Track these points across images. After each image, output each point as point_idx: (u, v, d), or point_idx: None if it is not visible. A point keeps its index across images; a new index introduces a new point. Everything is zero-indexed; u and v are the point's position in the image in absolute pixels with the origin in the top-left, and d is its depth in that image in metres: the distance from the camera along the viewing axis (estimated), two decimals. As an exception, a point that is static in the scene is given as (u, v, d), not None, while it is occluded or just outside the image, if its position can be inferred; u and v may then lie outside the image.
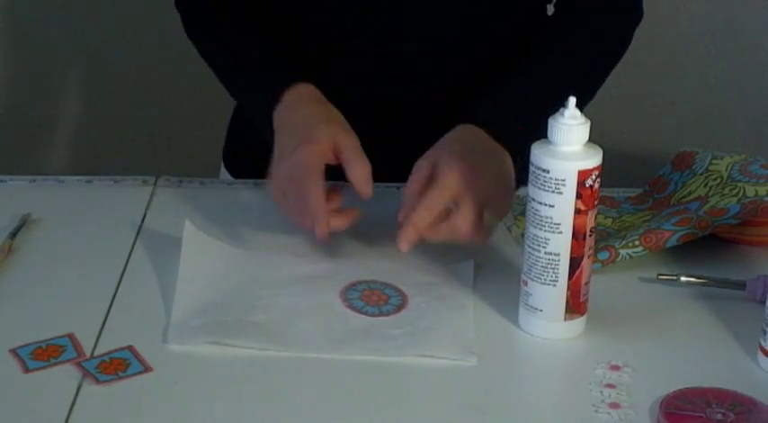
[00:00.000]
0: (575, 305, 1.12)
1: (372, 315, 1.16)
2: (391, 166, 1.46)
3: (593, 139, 1.10)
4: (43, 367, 1.08)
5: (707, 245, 1.27)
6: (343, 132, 1.25)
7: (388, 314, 1.17)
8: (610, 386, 1.07)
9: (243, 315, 1.14)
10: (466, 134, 1.26)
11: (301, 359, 1.09)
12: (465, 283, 1.21)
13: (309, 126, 1.26)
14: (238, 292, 1.18)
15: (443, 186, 1.18)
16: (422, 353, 1.10)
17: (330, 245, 1.27)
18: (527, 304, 1.13)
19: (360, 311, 1.17)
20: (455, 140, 1.25)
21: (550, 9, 1.49)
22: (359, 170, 1.22)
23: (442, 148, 1.23)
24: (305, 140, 1.24)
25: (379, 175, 1.44)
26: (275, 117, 1.30)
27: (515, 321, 1.15)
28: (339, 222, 1.22)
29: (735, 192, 1.28)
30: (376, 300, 1.19)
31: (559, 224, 1.09)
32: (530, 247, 1.12)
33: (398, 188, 1.42)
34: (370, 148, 1.48)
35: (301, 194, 1.20)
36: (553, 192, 1.09)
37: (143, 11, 2.23)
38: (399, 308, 1.18)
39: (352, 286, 1.21)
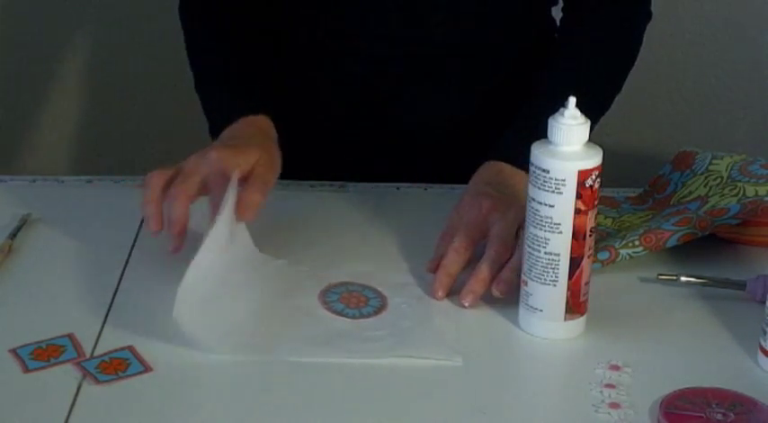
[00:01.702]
0: (575, 305, 1.12)
1: (353, 317, 1.16)
2: (386, 165, 1.47)
3: (594, 139, 1.10)
4: (43, 367, 1.08)
5: (707, 245, 1.27)
6: (267, 164, 1.23)
7: (368, 316, 1.16)
8: (610, 386, 1.07)
9: (233, 317, 1.14)
10: (488, 171, 1.27)
11: (300, 361, 1.09)
12: None
13: (240, 138, 1.26)
14: (235, 290, 1.18)
15: (469, 226, 1.20)
16: (407, 354, 1.10)
17: (308, 246, 1.27)
18: (527, 304, 1.13)
19: (340, 314, 1.16)
20: (477, 182, 1.26)
21: (554, 11, 1.49)
22: (253, 195, 1.19)
23: (464, 196, 1.24)
24: (226, 146, 1.24)
25: (374, 175, 1.44)
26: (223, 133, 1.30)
27: (515, 321, 1.15)
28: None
29: (735, 192, 1.28)
30: (356, 302, 1.18)
31: (559, 224, 1.09)
32: (530, 247, 1.12)
33: (398, 188, 1.43)
34: (367, 149, 1.48)
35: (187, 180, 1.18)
36: (553, 192, 1.09)
37: (143, 10, 2.23)
38: (379, 309, 1.17)
39: (331, 288, 1.20)
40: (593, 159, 1.09)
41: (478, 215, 1.21)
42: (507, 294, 1.16)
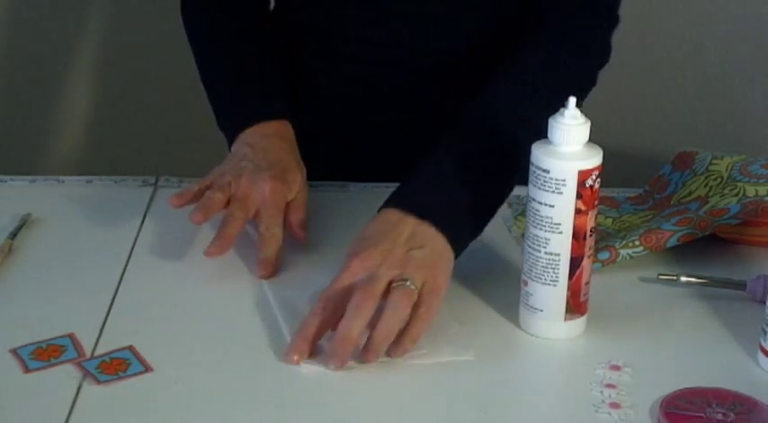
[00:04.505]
0: (575, 305, 1.12)
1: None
2: (387, 165, 1.47)
3: (593, 139, 1.10)
4: (43, 367, 1.08)
5: (707, 245, 1.27)
6: (304, 187, 1.31)
7: None
8: (610, 386, 1.07)
9: None
10: (373, 223, 1.17)
11: (301, 359, 1.10)
12: None
13: (284, 162, 1.30)
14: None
15: (331, 288, 1.12)
16: (422, 356, 1.10)
17: (308, 246, 1.27)
18: (527, 304, 1.13)
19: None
20: (356, 238, 1.17)
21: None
22: (298, 215, 1.28)
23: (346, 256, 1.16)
24: (277, 176, 1.27)
25: (375, 175, 1.44)
26: (246, 134, 1.33)
27: (515, 321, 1.15)
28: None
29: (735, 192, 1.28)
30: None
31: (559, 224, 1.09)
32: (530, 247, 1.12)
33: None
34: (368, 149, 1.49)
35: (240, 221, 1.23)
36: (553, 192, 1.09)
37: (144, 10, 2.23)
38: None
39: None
40: (593, 159, 1.09)
41: (344, 275, 1.12)
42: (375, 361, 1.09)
